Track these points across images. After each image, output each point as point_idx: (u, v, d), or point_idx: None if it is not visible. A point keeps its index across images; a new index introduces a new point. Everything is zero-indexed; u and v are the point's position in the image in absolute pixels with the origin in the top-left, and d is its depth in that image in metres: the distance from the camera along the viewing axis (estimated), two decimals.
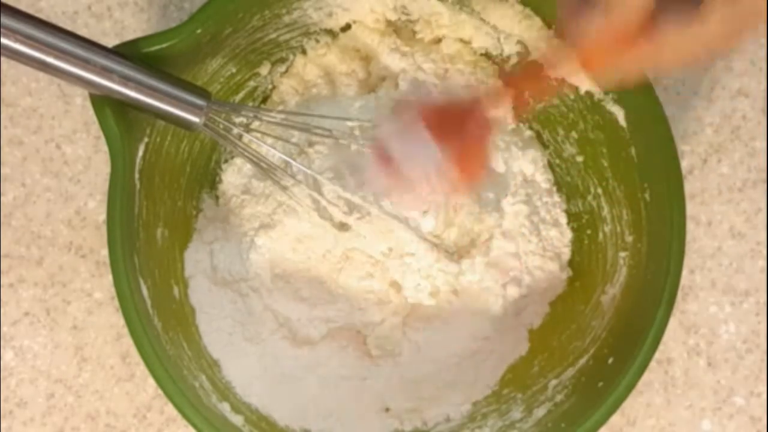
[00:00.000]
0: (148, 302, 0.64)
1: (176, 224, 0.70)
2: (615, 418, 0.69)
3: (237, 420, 0.65)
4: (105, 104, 0.60)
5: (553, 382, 0.68)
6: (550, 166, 0.74)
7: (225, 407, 0.65)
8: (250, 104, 0.73)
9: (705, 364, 0.72)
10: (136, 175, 0.63)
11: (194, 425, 0.61)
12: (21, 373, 0.72)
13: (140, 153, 0.63)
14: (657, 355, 0.62)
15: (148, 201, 0.65)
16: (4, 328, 0.72)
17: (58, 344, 0.72)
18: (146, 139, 0.64)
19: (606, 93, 0.67)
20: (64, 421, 0.71)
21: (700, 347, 0.74)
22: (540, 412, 0.67)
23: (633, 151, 0.66)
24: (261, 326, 0.70)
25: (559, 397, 0.67)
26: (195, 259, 0.70)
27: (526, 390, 0.69)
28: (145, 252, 0.64)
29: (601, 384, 0.64)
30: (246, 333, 0.70)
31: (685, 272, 0.66)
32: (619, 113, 0.67)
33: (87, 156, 0.74)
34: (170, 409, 0.71)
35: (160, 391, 0.62)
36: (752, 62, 0.77)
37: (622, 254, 0.68)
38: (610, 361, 0.65)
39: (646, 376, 0.63)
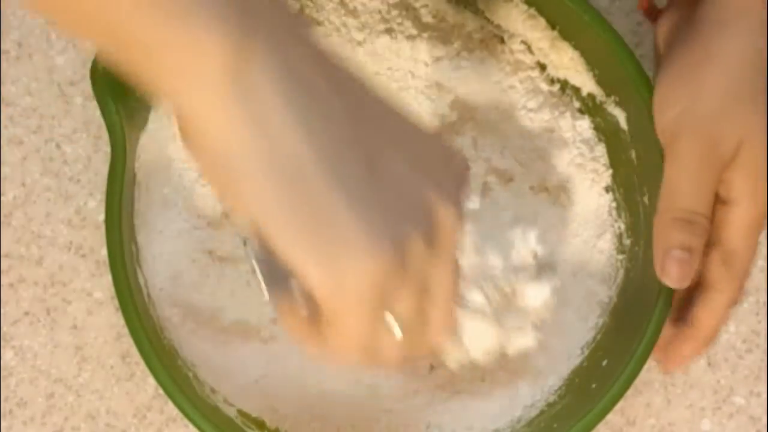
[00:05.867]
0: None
1: None
2: (615, 418, 0.69)
3: (237, 419, 0.65)
4: (107, 93, 0.60)
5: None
6: None
7: (225, 407, 0.65)
8: None
9: (705, 364, 0.72)
10: (137, 164, 0.63)
11: (195, 424, 0.61)
12: (21, 372, 0.72)
13: (141, 142, 0.63)
14: None
15: None
16: (4, 328, 0.72)
17: (58, 344, 0.72)
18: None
19: (608, 95, 0.68)
20: (64, 420, 0.71)
21: None
22: (532, 412, 0.67)
23: (633, 154, 0.67)
24: (261, 326, 0.70)
25: (551, 398, 0.67)
26: None
27: None
28: None
29: (594, 386, 0.64)
30: (247, 333, 0.69)
31: None
32: (621, 116, 0.67)
33: (87, 156, 0.74)
34: (170, 409, 0.70)
35: (160, 391, 0.62)
36: None
37: (620, 257, 0.69)
38: (605, 363, 0.65)
39: (646, 376, 0.63)
